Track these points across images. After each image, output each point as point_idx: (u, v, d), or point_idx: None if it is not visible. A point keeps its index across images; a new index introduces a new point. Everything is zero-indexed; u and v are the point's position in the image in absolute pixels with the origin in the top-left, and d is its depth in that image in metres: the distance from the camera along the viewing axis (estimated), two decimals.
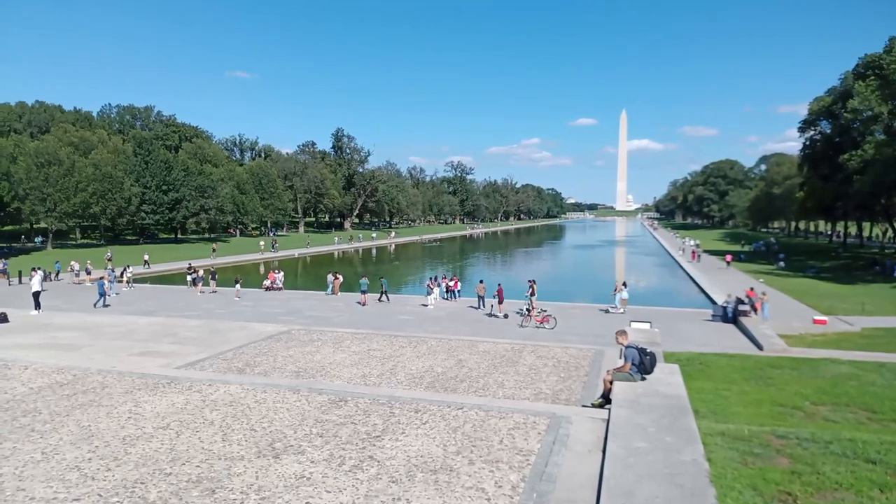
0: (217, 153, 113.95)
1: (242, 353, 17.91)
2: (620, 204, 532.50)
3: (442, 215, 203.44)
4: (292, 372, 15.52)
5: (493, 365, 16.42)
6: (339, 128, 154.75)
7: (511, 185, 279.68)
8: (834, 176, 64.86)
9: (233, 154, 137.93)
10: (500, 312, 30.72)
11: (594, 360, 17.15)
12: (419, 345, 19.16)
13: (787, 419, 13.00)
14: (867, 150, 55.23)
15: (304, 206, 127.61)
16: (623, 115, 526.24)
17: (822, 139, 73.60)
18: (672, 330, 25.36)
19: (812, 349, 22.59)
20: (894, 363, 19.30)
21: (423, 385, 14.27)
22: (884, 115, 54.47)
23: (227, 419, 10.54)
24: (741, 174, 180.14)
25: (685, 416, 9.30)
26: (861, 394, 15.39)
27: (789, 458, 8.88)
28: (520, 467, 8.35)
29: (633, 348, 11.51)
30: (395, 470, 8.27)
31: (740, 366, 18.78)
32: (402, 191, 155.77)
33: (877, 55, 60.78)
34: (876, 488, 7.78)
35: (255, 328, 22.40)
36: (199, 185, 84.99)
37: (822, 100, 72.83)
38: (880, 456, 8.96)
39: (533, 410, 11.11)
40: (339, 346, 18.91)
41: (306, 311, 31.46)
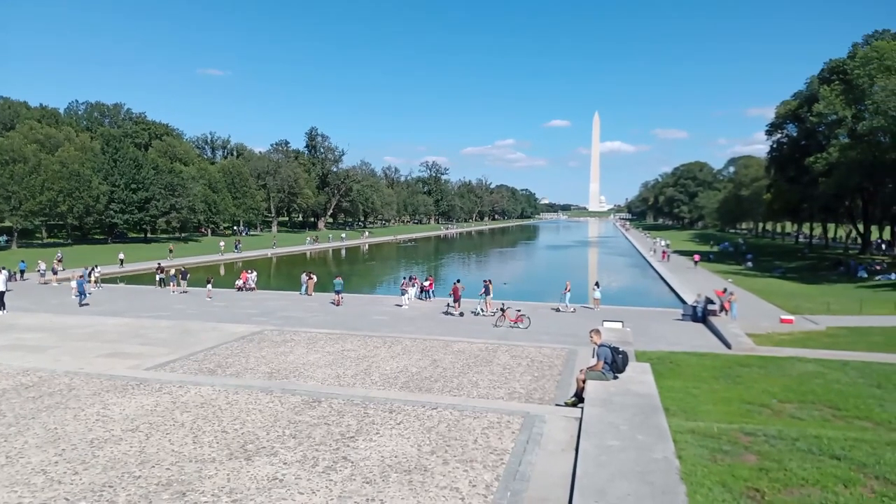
0: (188, 151, 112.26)
1: (214, 353, 17.69)
2: (593, 205, 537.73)
3: (417, 215, 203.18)
4: (265, 373, 15.37)
5: (468, 365, 16.47)
6: (312, 127, 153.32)
7: (486, 186, 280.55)
8: (800, 178, 66.38)
9: (204, 152, 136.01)
10: (455, 311, 31.07)
11: (567, 359, 17.32)
12: (394, 345, 19.13)
13: (755, 417, 13.26)
14: (832, 154, 56.65)
15: (277, 205, 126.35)
16: (596, 117, 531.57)
17: (788, 142, 75.33)
18: (644, 329, 25.70)
19: (779, 348, 23.09)
20: (858, 361, 19.82)
21: (398, 385, 14.25)
22: (848, 118, 55.93)
23: (197, 421, 10.40)
24: (710, 176, 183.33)
25: (656, 415, 9.44)
26: (826, 391, 15.77)
27: (757, 455, 9.06)
28: (494, 466, 8.39)
29: (606, 347, 11.64)
30: (369, 470, 8.24)
31: (710, 364, 19.11)
32: (377, 190, 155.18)
33: (841, 60, 62.43)
34: (840, 484, 7.98)
35: (227, 329, 22.13)
36: (169, 184, 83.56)
37: (789, 104, 74.56)
38: (845, 452, 9.20)
39: (507, 410, 11.17)
40: (313, 346, 18.79)
41: (279, 311, 31.16)
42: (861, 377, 17.50)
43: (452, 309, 31.32)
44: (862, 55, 56.69)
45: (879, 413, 13.72)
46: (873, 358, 20.65)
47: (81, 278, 34.87)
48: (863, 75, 53.67)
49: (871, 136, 50.30)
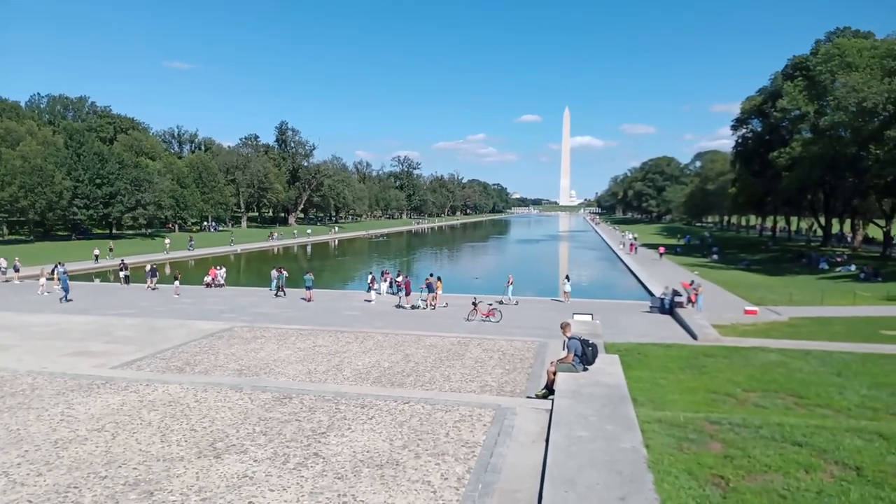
0: (154, 146, 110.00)
1: (182, 351, 17.44)
2: (564, 199, 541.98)
3: (389, 210, 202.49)
4: (235, 370, 15.21)
5: (440, 359, 16.52)
6: (283, 121, 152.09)
7: (457, 181, 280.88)
8: (764, 172, 67.86)
9: (171, 147, 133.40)
10: (406, 304, 31.37)
11: (538, 351, 17.48)
12: (366, 340, 19.10)
13: (720, 405, 13.56)
14: (795, 148, 58.02)
15: (246, 200, 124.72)
16: (566, 113, 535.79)
17: (753, 137, 76.93)
18: (613, 321, 26.05)
19: (743, 338, 23.59)
20: (819, 351, 20.37)
21: (370, 380, 14.24)
22: (810, 114, 57.30)
23: (165, 419, 10.26)
24: (677, 170, 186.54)
25: (624, 405, 9.61)
26: (789, 380, 16.19)
27: (722, 443, 9.28)
28: (465, 459, 8.45)
29: (576, 340, 11.79)
30: (341, 466, 8.24)
31: (676, 355, 19.46)
32: (348, 185, 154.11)
33: (804, 57, 63.93)
34: (802, 469, 8.22)
35: (195, 326, 21.83)
36: (134, 179, 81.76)
37: (754, 99, 76.11)
38: (806, 439, 9.47)
39: (478, 403, 11.25)
40: (284, 342, 18.64)
41: (250, 307, 30.81)
42: (822, 366, 18.00)
43: (404, 302, 31.60)
44: (824, 52, 58.14)
45: (839, 400, 14.13)
46: (834, 347, 21.25)
47: (65, 274, 34.42)
48: (825, 72, 55.05)
49: (832, 131, 51.60)
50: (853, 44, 56.34)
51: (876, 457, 8.70)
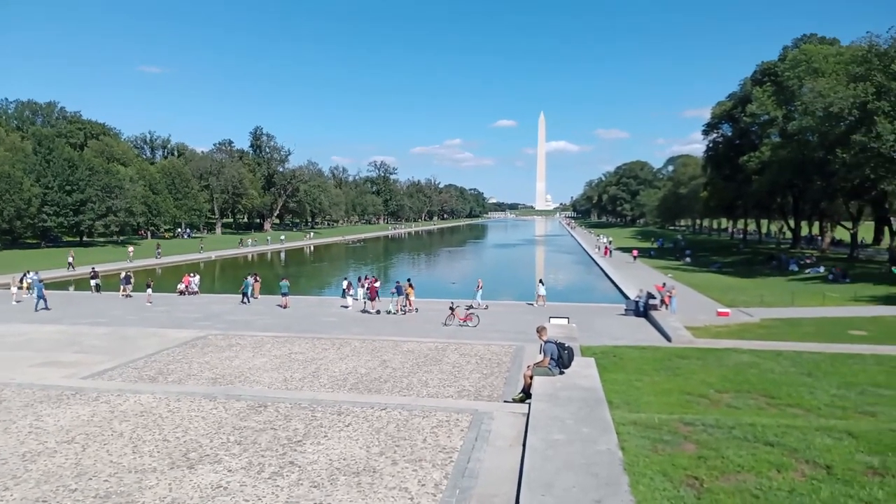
0: (126, 151, 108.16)
1: (155, 360, 17.16)
2: (540, 203, 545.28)
3: (366, 215, 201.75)
4: (209, 379, 15.01)
5: (417, 364, 16.49)
6: (257, 126, 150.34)
7: (434, 185, 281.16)
8: (735, 176, 69.05)
9: (143, 152, 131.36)
10: (372, 309, 31.37)
11: (515, 355, 17.55)
12: (342, 346, 18.99)
13: (693, 407, 13.74)
14: (764, 153, 59.18)
15: (221, 206, 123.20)
16: (541, 118, 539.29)
17: (723, 142, 78.31)
18: (588, 324, 26.25)
19: (716, 340, 23.96)
20: (790, 351, 20.77)
21: (347, 387, 14.15)
22: (779, 119, 58.52)
23: (137, 430, 10.08)
24: (651, 175, 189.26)
25: (600, 408, 9.68)
26: (761, 381, 16.47)
27: (696, 444, 9.40)
28: (443, 465, 8.44)
29: (552, 343, 11.86)
30: (317, 474, 8.16)
31: (651, 357, 19.68)
32: (325, 191, 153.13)
33: (772, 63, 65.33)
34: (774, 469, 8.37)
35: (168, 334, 21.50)
36: (105, 185, 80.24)
37: (724, 104, 77.53)
38: (777, 438, 9.64)
39: (456, 408, 11.25)
40: (259, 350, 18.45)
41: (224, 315, 30.44)
42: (793, 366, 18.36)
43: (369, 307, 31.54)
44: (791, 58, 59.46)
45: (810, 400, 14.43)
46: (804, 348, 21.69)
47: (41, 283, 33.82)
48: (792, 77, 56.30)
49: (800, 136, 52.71)
50: (819, 50, 57.73)
51: (845, 455, 8.89)
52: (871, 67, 44.81)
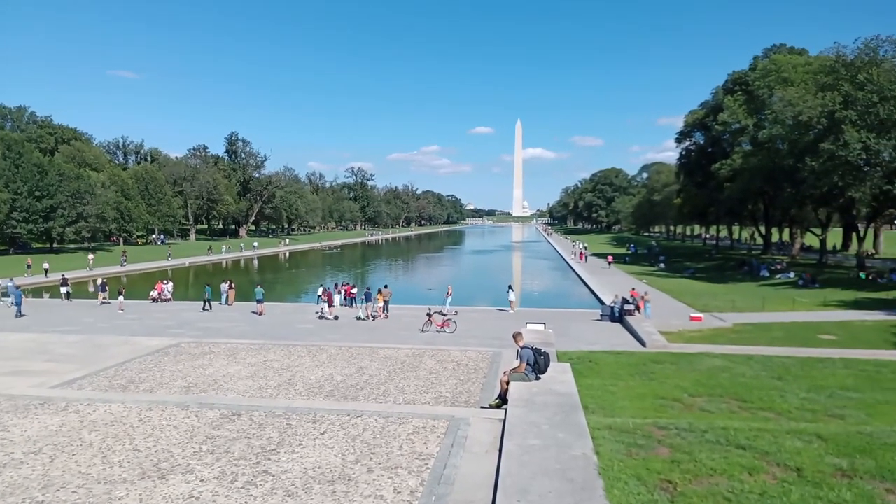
0: (98, 157, 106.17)
1: (126, 369, 16.85)
2: (517, 210, 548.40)
3: (343, 221, 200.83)
4: (181, 387, 14.77)
5: (394, 371, 16.42)
6: (233, 132, 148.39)
7: (412, 192, 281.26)
8: (707, 183, 70.13)
9: (116, 158, 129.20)
10: (329, 315, 31.36)
11: (492, 361, 17.57)
12: (318, 353, 18.83)
13: (667, 411, 13.88)
14: (736, 160, 60.24)
15: (195, 212, 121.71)
16: (518, 125, 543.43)
17: (696, 149, 79.56)
18: (565, 330, 26.40)
19: (689, 344, 24.27)
20: (761, 355, 21.12)
21: (323, 394, 14.04)
22: (750, 127, 59.63)
23: (107, 440, 9.88)
24: (625, 182, 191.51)
25: (576, 413, 9.73)
26: (733, 384, 16.72)
27: (670, 448, 9.49)
28: (419, 472, 8.40)
29: (529, 349, 11.90)
30: (291, 483, 8.07)
31: (626, 362, 19.85)
32: (301, 197, 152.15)
33: (743, 72, 66.65)
34: (746, 472, 8.46)
35: (140, 342, 21.11)
36: (76, 191, 78.74)
37: (696, 113, 78.86)
38: (749, 442, 9.76)
39: (432, 414, 11.22)
40: (234, 358, 18.22)
41: (198, 322, 30.01)
42: (764, 370, 18.66)
43: (326, 313, 31.46)
44: (762, 67, 60.75)
45: (781, 403, 14.67)
46: (774, 352, 22.07)
47: (18, 289, 33.78)
48: (762, 86, 57.49)
49: (770, 144, 53.80)
50: (789, 60, 59.05)
51: (815, 458, 9.03)
52: (838, 77, 45.98)
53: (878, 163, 43.15)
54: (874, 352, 22.45)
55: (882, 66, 43.80)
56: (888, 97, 42.11)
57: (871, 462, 8.76)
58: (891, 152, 41.92)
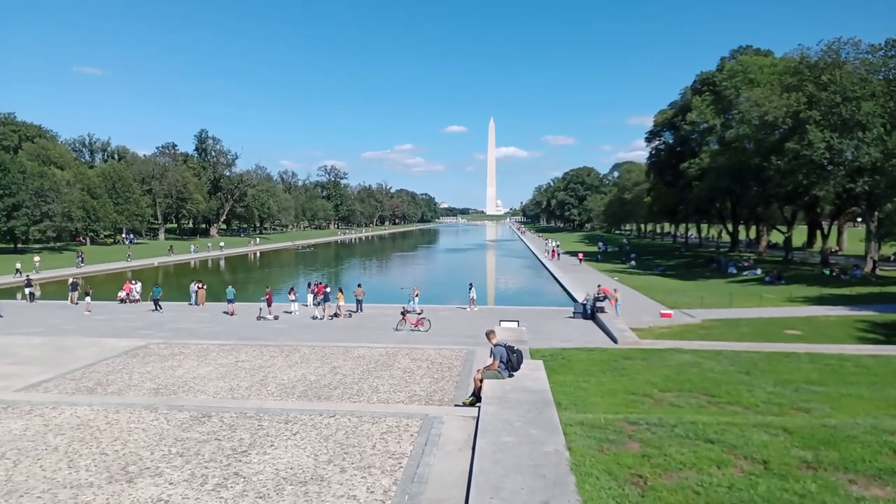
0: (63, 154, 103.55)
1: (93, 371, 16.49)
2: (490, 208, 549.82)
3: (316, 220, 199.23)
4: (151, 389, 14.52)
5: (368, 370, 16.36)
6: (202, 129, 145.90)
7: (386, 190, 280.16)
8: (676, 182, 71.28)
9: (82, 156, 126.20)
10: (269, 315, 31.20)
11: (466, 359, 17.61)
12: (291, 353, 18.66)
13: (638, 406, 14.07)
14: (704, 159, 61.34)
15: (164, 211, 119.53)
16: (491, 124, 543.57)
17: (665, 149, 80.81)
18: (538, 327, 26.59)
19: (660, 340, 24.64)
20: (729, 351, 21.54)
21: (296, 395, 13.92)
22: (717, 127, 60.76)
23: (73, 444, 9.66)
24: (597, 180, 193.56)
25: (548, 409, 9.79)
26: (702, 379, 17.00)
27: (640, 443, 9.62)
28: (392, 471, 8.39)
29: (502, 347, 11.94)
30: (263, 485, 7.99)
31: (598, 359, 20.07)
32: (273, 195, 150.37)
33: (711, 73, 67.83)
34: (714, 465, 8.62)
35: (108, 344, 20.68)
36: (39, 189, 76.73)
37: (665, 112, 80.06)
38: (717, 436, 9.95)
39: (406, 413, 11.20)
40: (204, 359, 17.95)
41: (167, 323, 29.53)
42: (732, 365, 19.02)
43: (265, 314, 31.30)
44: (729, 68, 61.91)
45: (748, 398, 14.96)
46: (742, 347, 22.53)
47: None
48: (730, 87, 58.60)
49: (737, 143, 54.86)
50: (755, 61, 60.29)
51: (781, 450, 9.24)
52: (802, 78, 47.09)
53: (841, 162, 44.33)
54: (838, 346, 23.06)
55: (844, 67, 45.01)
56: (850, 98, 43.29)
57: (835, 454, 8.99)
58: (853, 152, 43.06)
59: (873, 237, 46.11)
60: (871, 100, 43.42)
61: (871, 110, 42.75)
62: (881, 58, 45.09)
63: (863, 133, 42.64)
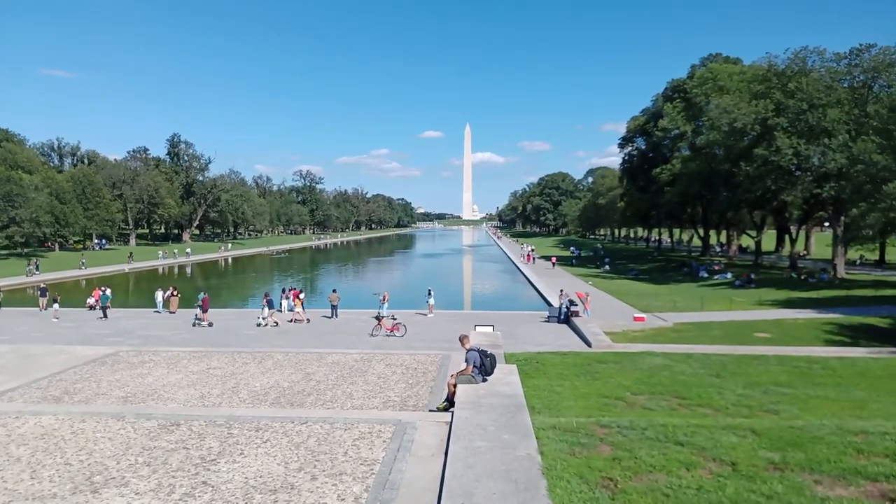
0: (31, 159, 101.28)
1: (60, 379, 16.14)
2: (467, 213, 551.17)
3: (291, 225, 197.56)
4: (119, 398, 14.25)
5: (342, 376, 16.26)
6: (175, 133, 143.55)
7: (362, 195, 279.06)
8: (649, 187, 72.22)
9: (51, 160, 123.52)
10: (204, 321, 30.92)
11: (441, 364, 17.60)
12: (264, 360, 18.47)
13: (610, 409, 14.19)
14: (675, 165, 62.26)
15: (135, 216, 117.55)
16: (467, 129, 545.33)
17: (638, 154, 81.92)
18: (513, 332, 26.68)
19: (633, 344, 24.89)
20: (700, 354, 21.84)
21: (269, 402, 13.77)
22: (688, 133, 61.74)
23: (37, 454, 9.43)
24: (572, 186, 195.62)
25: (521, 414, 9.84)
26: (673, 382, 17.22)
27: (611, 446, 9.69)
28: (363, 477, 8.33)
29: (475, 351, 11.97)
30: (231, 494, 7.88)
31: (571, 362, 20.20)
32: (248, 200, 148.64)
33: (681, 80, 68.93)
34: (683, 468, 8.71)
35: (76, 351, 20.27)
36: (6, 194, 75.00)
37: (638, 119, 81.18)
38: (687, 438, 10.05)
39: (379, 419, 11.14)
40: (175, 366, 17.68)
41: (138, 330, 29.01)
42: (703, 368, 19.30)
43: (199, 320, 31.00)
44: (699, 76, 63.01)
45: (718, 400, 15.19)
46: (713, 350, 22.85)
47: None
48: (700, 94, 59.65)
49: (707, 149, 55.80)
50: (724, 69, 61.46)
51: (749, 452, 9.37)
52: (770, 86, 48.13)
53: (808, 168, 45.32)
54: (806, 348, 23.53)
55: (810, 75, 46.07)
56: (816, 105, 44.30)
57: (801, 455, 9.15)
58: (820, 158, 44.05)
59: (840, 241, 47.12)
60: (836, 107, 44.47)
61: (836, 117, 43.79)
62: (846, 66, 46.25)
63: (829, 140, 43.65)
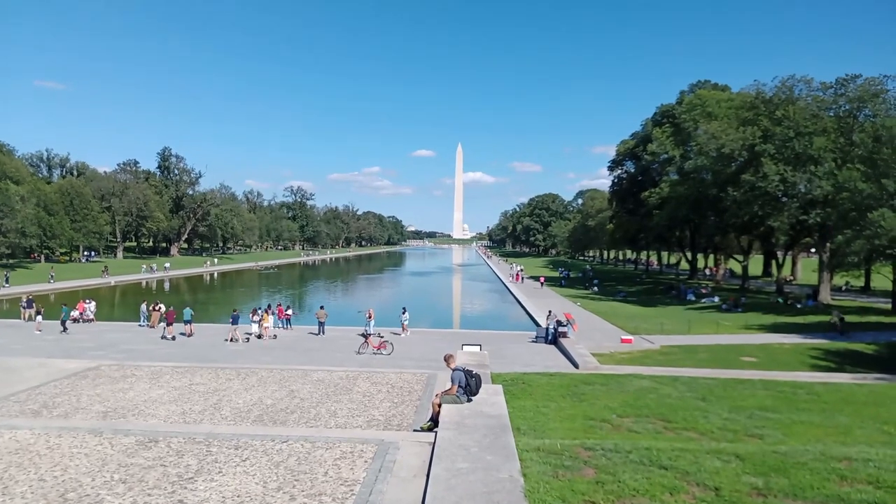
0: (20, 169, 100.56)
1: (39, 393, 15.88)
2: (457, 232, 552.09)
3: (281, 241, 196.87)
4: (99, 412, 14.03)
5: (327, 394, 16.10)
6: (165, 147, 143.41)
7: (352, 212, 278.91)
8: (638, 210, 72.70)
9: (39, 171, 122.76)
10: (169, 335, 30.91)
11: (427, 383, 17.48)
12: (248, 376, 18.27)
13: (596, 432, 14.12)
14: (664, 189, 62.76)
15: (123, 229, 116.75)
16: (459, 149, 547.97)
17: (627, 177, 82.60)
18: (500, 352, 26.58)
19: (620, 366, 24.87)
20: (686, 377, 21.85)
21: (251, 419, 13.60)
22: (677, 157, 62.34)
23: (10, 469, 9.22)
24: (562, 207, 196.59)
25: (505, 435, 9.75)
26: (659, 405, 17.18)
27: (595, 469, 9.61)
28: (343, 498, 8.20)
29: (460, 371, 11.90)
30: None
31: (558, 384, 20.14)
32: (237, 215, 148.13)
33: (670, 105, 69.87)
34: (667, 492, 8.64)
35: (56, 365, 19.97)
36: None
37: (627, 143, 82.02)
38: (671, 462, 9.99)
39: (361, 438, 11.01)
40: (157, 381, 17.45)
41: (120, 344, 28.66)
42: (689, 391, 19.29)
43: (167, 333, 31.04)
44: (688, 101, 63.89)
45: (704, 424, 15.16)
46: (699, 373, 22.88)
47: None
48: (688, 120, 60.44)
49: (696, 174, 56.33)
50: (712, 95, 62.36)
51: (733, 477, 9.32)
52: (758, 113, 48.82)
53: (795, 194, 45.83)
54: (791, 373, 23.61)
55: (797, 103, 46.80)
56: (803, 133, 44.96)
57: (785, 480, 9.11)
58: (806, 185, 44.58)
59: (825, 267, 47.53)
60: (822, 135, 45.14)
61: (822, 145, 44.43)
62: (832, 95, 47.02)
63: (815, 167, 44.24)
